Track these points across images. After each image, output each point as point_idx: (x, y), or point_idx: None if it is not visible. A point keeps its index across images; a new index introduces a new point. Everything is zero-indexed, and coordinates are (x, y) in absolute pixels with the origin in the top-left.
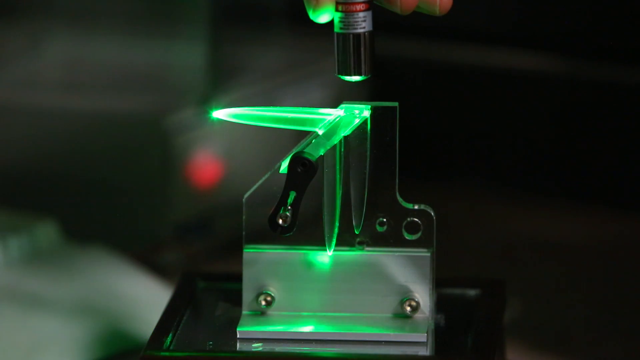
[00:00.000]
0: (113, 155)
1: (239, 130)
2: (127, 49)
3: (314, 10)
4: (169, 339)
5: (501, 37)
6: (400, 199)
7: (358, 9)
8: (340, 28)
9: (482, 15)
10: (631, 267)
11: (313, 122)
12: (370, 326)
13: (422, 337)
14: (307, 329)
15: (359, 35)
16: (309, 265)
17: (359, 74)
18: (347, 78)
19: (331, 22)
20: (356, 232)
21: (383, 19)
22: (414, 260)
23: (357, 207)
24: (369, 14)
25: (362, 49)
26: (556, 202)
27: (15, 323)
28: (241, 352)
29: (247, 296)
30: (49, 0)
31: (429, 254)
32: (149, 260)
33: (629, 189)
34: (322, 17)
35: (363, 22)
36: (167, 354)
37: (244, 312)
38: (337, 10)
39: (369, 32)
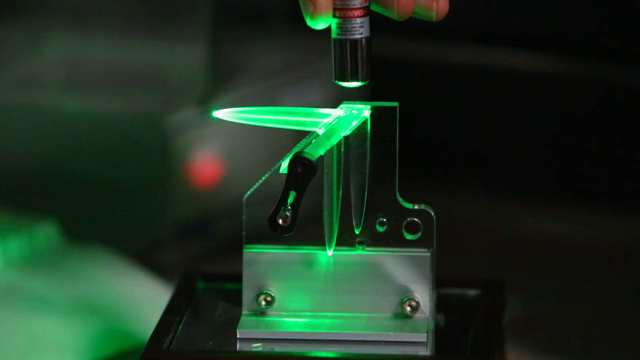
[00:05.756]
0: (113, 155)
1: (239, 130)
2: (127, 49)
3: (312, 17)
4: (169, 339)
5: (501, 37)
6: (400, 199)
7: (355, 14)
8: (338, 34)
9: (481, 16)
10: (631, 267)
11: (313, 122)
12: (370, 326)
13: (422, 337)
14: (307, 329)
15: (356, 41)
16: (309, 265)
17: (356, 80)
18: (344, 84)
19: None
20: (356, 232)
21: (383, 19)
22: (414, 260)
23: (357, 207)
24: (366, 20)
25: (359, 54)
26: (556, 202)
27: (15, 323)
28: (241, 352)
29: (247, 296)
30: (49, 0)
31: (429, 254)
32: (149, 260)
33: (629, 189)
34: (320, 23)
35: (360, 28)
36: (167, 354)
37: (244, 312)
38: (334, 16)
39: (367, 37)
